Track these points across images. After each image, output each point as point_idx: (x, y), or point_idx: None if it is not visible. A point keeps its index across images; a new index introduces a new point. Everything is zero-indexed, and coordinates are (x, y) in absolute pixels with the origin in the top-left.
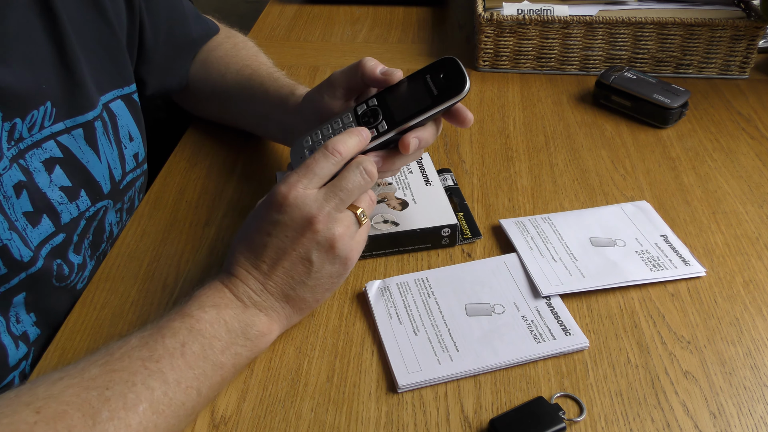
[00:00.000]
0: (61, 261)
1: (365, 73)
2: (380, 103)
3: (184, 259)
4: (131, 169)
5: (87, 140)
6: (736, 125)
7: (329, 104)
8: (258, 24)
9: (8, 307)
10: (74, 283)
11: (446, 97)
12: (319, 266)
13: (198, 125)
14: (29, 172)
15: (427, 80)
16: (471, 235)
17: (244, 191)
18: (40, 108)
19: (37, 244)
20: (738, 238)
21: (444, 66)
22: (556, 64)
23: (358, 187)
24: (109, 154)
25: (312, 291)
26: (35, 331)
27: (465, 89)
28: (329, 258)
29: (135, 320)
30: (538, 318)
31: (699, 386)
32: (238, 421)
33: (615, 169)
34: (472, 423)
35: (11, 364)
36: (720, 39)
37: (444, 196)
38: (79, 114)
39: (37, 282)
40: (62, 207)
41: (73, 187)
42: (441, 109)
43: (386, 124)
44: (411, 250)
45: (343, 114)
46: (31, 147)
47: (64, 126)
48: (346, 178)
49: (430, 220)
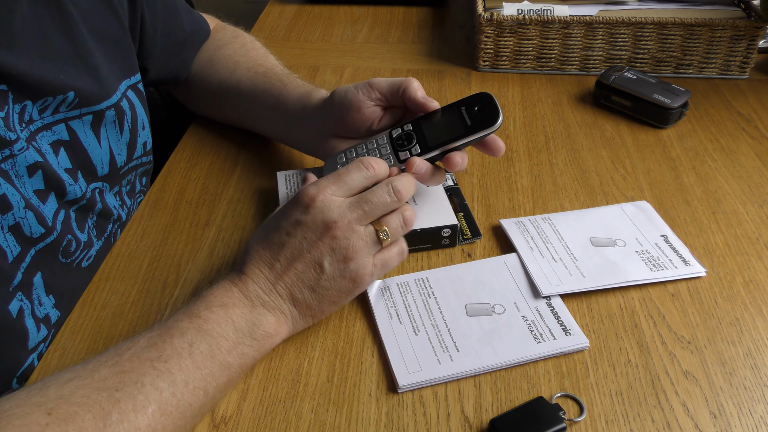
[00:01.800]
0: (71, 237)
1: (407, 92)
2: (415, 128)
3: (184, 259)
4: (138, 156)
5: (92, 126)
6: (736, 125)
7: (362, 102)
8: (258, 24)
9: (31, 289)
10: (79, 260)
11: (479, 128)
12: (330, 275)
13: (198, 125)
14: (42, 153)
15: (461, 111)
16: (471, 235)
17: (244, 191)
18: (57, 96)
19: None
20: (738, 238)
21: (479, 100)
22: (556, 64)
23: (383, 203)
24: (114, 141)
25: (319, 299)
26: (56, 314)
27: (498, 122)
28: (341, 269)
29: (135, 320)
30: (539, 318)
31: (699, 386)
32: (239, 421)
33: (615, 169)
34: (472, 423)
35: (30, 347)
36: (720, 39)
37: (444, 196)
38: (97, 103)
39: (45, 257)
40: (71, 188)
41: (73, 169)
42: (473, 139)
43: (419, 149)
44: (411, 250)
45: (378, 136)
46: (42, 129)
47: (79, 112)
48: (374, 192)
49: (430, 220)
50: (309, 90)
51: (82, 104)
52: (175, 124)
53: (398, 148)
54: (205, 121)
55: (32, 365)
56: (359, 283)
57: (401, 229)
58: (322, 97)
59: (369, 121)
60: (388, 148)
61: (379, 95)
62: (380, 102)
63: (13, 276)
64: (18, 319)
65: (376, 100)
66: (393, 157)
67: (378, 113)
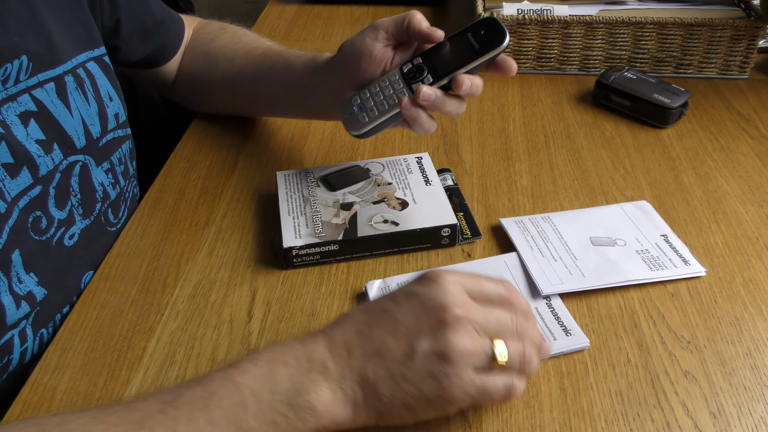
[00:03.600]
0: (40, 213)
1: (411, 24)
2: (425, 60)
3: (184, 258)
4: (112, 128)
5: (59, 94)
6: (736, 125)
7: (370, 45)
8: (258, 24)
9: (9, 265)
10: (57, 238)
11: (488, 50)
12: (418, 365)
13: (198, 125)
14: (6, 125)
15: (468, 37)
16: (471, 235)
17: (244, 191)
18: (14, 61)
19: (14, 195)
20: (738, 238)
21: (484, 24)
22: (556, 64)
23: (507, 324)
24: (84, 111)
25: (392, 392)
26: (41, 291)
27: (505, 41)
28: (433, 364)
29: (135, 320)
30: (539, 318)
31: (699, 386)
32: None
33: (615, 169)
34: (472, 423)
35: (9, 323)
36: (720, 39)
37: (444, 196)
38: (50, 68)
39: (19, 235)
40: (40, 160)
41: (47, 141)
42: (483, 60)
43: (432, 78)
44: (411, 250)
45: (389, 73)
46: (7, 100)
47: (37, 80)
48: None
49: (430, 220)
50: (313, 56)
51: (36, 69)
52: (175, 124)
53: (411, 81)
54: (205, 121)
55: (11, 341)
56: (447, 394)
57: (522, 357)
58: (328, 57)
59: (382, 63)
60: (400, 83)
61: (385, 35)
62: (389, 41)
63: None
64: None
65: (384, 40)
66: (407, 91)
67: (389, 54)
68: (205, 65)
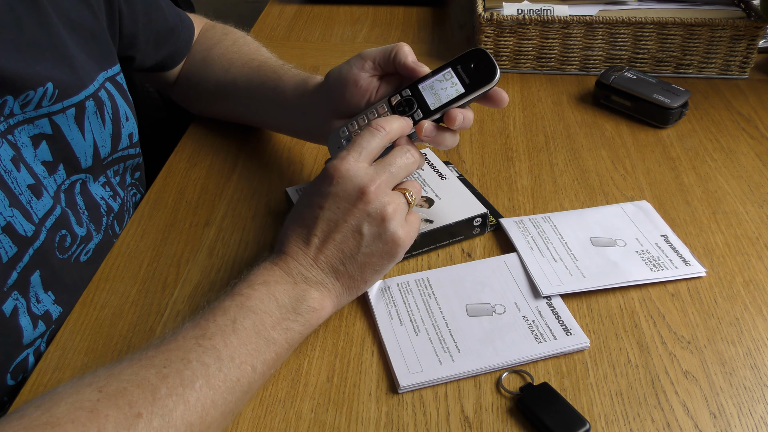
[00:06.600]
0: (66, 232)
1: (398, 57)
2: (414, 93)
3: (184, 258)
4: (124, 147)
5: (76, 119)
6: (736, 125)
7: (357, 75)
8: (258, 24)
9: (27, 287)
10: (77, 255)
11: (479, 87)
12: (370, 240)
13: (198, 125)
14: (17, 147)
15: (459, 70)
16: (495, 219)
17: (245, 191)
18: (38, 89)
19: (41, 216)
20: (738, 238)
21: (474, 57)
22: (556, 64)
23: (406, 165)
24: (98, 133)
25: (361, 269)
26: (57, 309)
27: (496, 77)
28: (379, 232)
29: (135, 320)
30: (539, 318)
31: (699, 386)
32: (239, 421)
33: (615, 169)
34: (472, 423)
35: (25, 343)
36: (720, 39)
37: (464, 188)
38: (75, 94)
39: (43, 256)
40: (45, 181)
41: (53, 162)
42: (473, 97)
43: (422, 113)
44: (445, 245)
45: (377, 104)
46: (22, 123)
47: (62, 106)
48: (395, 155)
49: (460, 213)
50: (305, 78)
51: (62, 96)
52: (175, 124)
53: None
54: (205, 121)
55: (27, 360)
56: (399, 244)
57: (419, 191)
58: (318, 82)
59: (367, 93)
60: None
61: (372, 65)
62: (374, 71)
63: (7, 276)
64: (12, 318)
65: (370, 70)
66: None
67: (374, 84)
68: (202, 71)
